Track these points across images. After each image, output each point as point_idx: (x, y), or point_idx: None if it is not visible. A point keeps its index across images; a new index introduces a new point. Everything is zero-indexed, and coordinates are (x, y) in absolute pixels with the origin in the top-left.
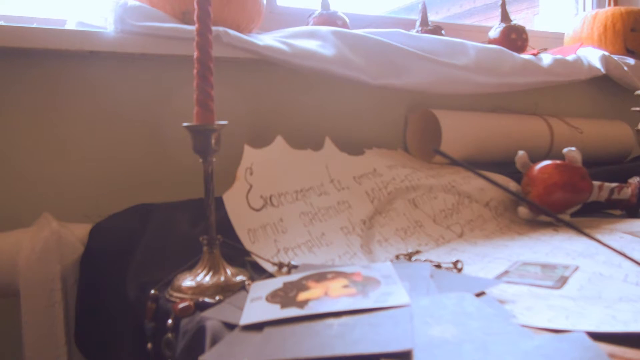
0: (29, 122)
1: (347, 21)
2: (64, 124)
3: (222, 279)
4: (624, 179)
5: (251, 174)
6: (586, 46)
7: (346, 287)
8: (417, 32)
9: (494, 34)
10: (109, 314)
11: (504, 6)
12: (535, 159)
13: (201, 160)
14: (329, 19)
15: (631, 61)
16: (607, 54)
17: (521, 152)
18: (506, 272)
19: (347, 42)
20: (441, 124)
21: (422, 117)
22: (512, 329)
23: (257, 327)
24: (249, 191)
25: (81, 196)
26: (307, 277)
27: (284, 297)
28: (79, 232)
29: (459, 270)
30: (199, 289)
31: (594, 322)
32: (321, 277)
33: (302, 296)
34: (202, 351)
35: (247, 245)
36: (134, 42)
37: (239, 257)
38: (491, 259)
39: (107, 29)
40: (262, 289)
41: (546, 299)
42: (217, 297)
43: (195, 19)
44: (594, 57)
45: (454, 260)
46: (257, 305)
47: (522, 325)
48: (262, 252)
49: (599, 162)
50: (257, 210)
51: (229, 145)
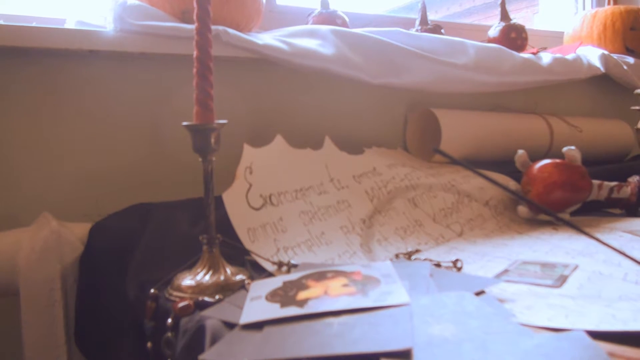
0: (28, 121)
1: (347, 20)
2: (63, 123)
3: (222, 278)
4: (623, 178)
5: (251, 173)
6: (586, 45)
7: (346, 286)
8: (417, 31)
9: (494, 32)
10: (109, 313)
11: (503, 5)
12: (534, 158)
13: (201, 159)
14: (328, 18)
15: (631, 60)
16: (606, 52)
17: (521, 151)
18: (506, 271)
19: (346, 41)
20: (441, 123)
21: (422, 116)
22: (512, 327)
23: (257, 326)
24: (249, 190)
25: (81, 195)
26: (306, 276)
27: (283, 296)
28: (78, 232)
29: (459, 269)
30: (199, 288)
31: (594, 321)
32: (321, 276)
33: (301, 295)
34: (201, 350)
35: (247, 244)
36: (133, 41)
37: (239, 256)
38: (491, 257)
39: (106, 28)
40: (261, 288)
41: (546, 298)
42: (217, 296)
43: (194, 17)
44: (593, 56)
45: (454, 259)
46: (256, 304)
47: (521, 324)
48: (262, 251)
49: (598, 161)
50: (257, 209)
51: (229, 144)
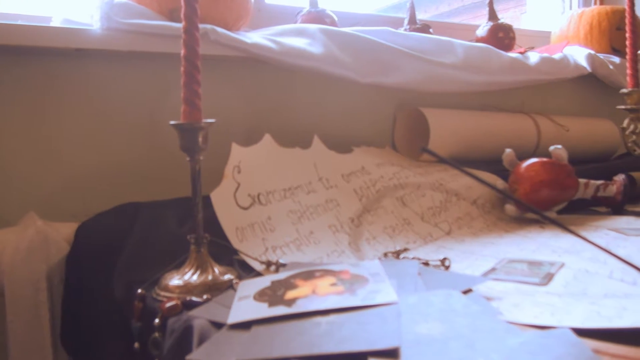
0: (14, 120)
1: (336, 19)
2: (50, 122)
3: (210, 277)
4: (609, 177)
5: (239, 172)
6: (572, 45)
7: (334, 285)
8: (405, 30)
9: (482, 32)
10: (96, 313)
11: (491, 4)
12: (522, 157)
13: (188, 158)
14: (317, 17)
15: (616, 60)
16: (593, 52)
17: (508, 150)
18: (493, 270)
19: (335, 40)
20: (429, 122)
21: (411, 116)
22: (499, 325)
23: (245, 325)
24: (237, 189)
25: (68, 195)
26: (295, 276)
27: (271, 295)
28: (65, 231)
29: (447, 267)
30: (187, 288)
31: (579, 318)
32: (309, 276)
33: (290, 294)
34: (189, 350)
35: (235, 243)
36: (121, 39)
37: (227, 255)
38: (478, 256)
39: (93, 26)
40: (249, 287)
41: (532, 296)
42: (205, 296)
43: (182, 16)
44: (580, 55)
45: (442, 257)
46: (244, 304)
47: (508, 321)
48: (250, 250)
49: (585, 159)
50: (245, 208)
51: (217, 143)
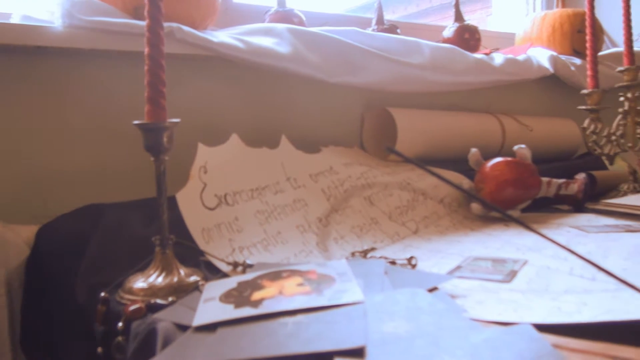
0: None
1: (304, 19)
2: (9, 121)
3: (175, 279)
4: (571, 175)
5: (205, 172)
6: (536, 46)
7: (301, 285)
8: (373, 30)
9: (448, 33)
10: (57, 318)
11: (457, 6)
12: (488, 156)
13: (153, 158)
14: (285, 16)
15: (578, 61)
16: (555, 54)
17: (474, 150)
18: (458, 267)
19: (303, 39)
20: (397, 122)
21: (379, 115)
22: (463, 323)
23: (211, 327)
24: (203, 190)
25: (28, 196)
26: (261, 276)
27: (238, 296)
28: (25, 234)
29: (413, 266)
30: (151, 291)
31: (541, 314)
32: (276, 276)
33: (256, 295)
34: (153, 354)
35: (201, 244)
36: (82, 37)
37: (194, 257)
38: (445, 254)
39: (54, 23)
40: (216, 289)
41: (496, 293)
42: (170, 299)
43: (145, 14)
44: (543, 57)
45: (409, 256)
46: (210, 305)
47: (472, 319)
48: (217, 251)
49: (547, 159)
50: (212, 209)
51: (183, 143)
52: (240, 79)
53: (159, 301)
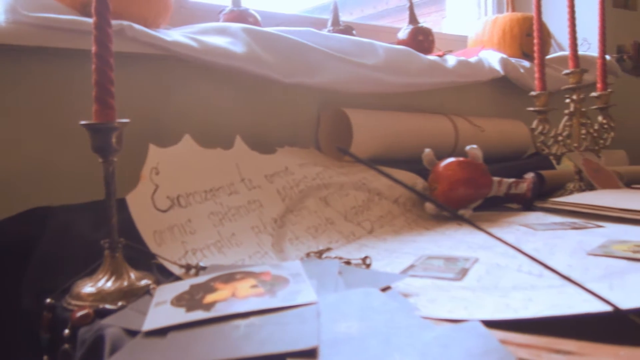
0: None
1: (259, 19)
2: None
3: (125, 283)
4: (520, 175)
5: (157, 173)
6: (487, 49)
7: (254, 287)
8: (329, 31)
9: (403, 35)
10: (1, 326)
11: (411, 8)
12: (441, 156)
13: (101, 160)
14: (240, 15)
15: (527, 64)
16: (505, 56)
17: (427, 150)
18: (412, 266)
19: (258, 39)
20: (352, 123)
21: (334, 116)
22: (415, 321)
23: (161, 332)
24: (155, 192)
25: None
26: (214, 279)
27: (189, 300)
28: None
29: (368, 266)
30: (100, 295)
31: (489, 311)
32: (229, 278)
33: (208, 298)
34: None
35: (153, 247)
36: (28, 34)
37: (146, 260)
38: (399, 254)
39: None
40: (167, 292)
41: (448, 291)
42: (120, 303)
43: (92, 11)
44: (494, 59)
45: (363, 256)
46: (161, 309)
47: (424, 317)
48: (169, 254)
49: (498, 159)
50: (164, 211)
51: (134, 144)
52: (193, 79)
53: (108, 306)
